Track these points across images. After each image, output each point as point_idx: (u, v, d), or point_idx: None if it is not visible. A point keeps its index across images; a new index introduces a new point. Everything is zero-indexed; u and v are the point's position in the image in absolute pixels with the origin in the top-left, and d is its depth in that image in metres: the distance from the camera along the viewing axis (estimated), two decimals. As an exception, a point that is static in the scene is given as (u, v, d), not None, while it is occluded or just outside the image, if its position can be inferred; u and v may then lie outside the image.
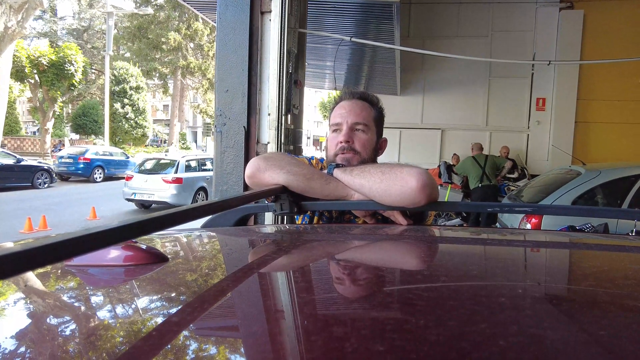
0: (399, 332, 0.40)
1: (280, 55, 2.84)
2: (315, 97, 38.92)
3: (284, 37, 2.84)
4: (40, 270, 0.69)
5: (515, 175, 7.24)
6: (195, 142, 43.23)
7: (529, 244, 0.91)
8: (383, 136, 1.29)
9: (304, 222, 1.25)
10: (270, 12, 2.85)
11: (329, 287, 0.59)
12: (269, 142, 2.90)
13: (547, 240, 1.00)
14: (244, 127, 2.88)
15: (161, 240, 0.85)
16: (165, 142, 36.79)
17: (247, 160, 2.90)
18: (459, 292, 0.56)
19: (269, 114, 2.89)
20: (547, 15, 7.90)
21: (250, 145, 2.92)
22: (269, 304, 0.51)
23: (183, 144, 34.23)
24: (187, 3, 4.45)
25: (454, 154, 8.01)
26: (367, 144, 1.21)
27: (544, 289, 0.58)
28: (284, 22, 2.83)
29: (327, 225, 1.20)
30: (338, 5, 3.83)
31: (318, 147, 38.15)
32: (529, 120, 8.22)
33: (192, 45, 29.05)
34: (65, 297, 0.57)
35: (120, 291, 0.58)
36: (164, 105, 44.54)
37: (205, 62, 28.54)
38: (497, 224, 4.89)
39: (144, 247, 0.67)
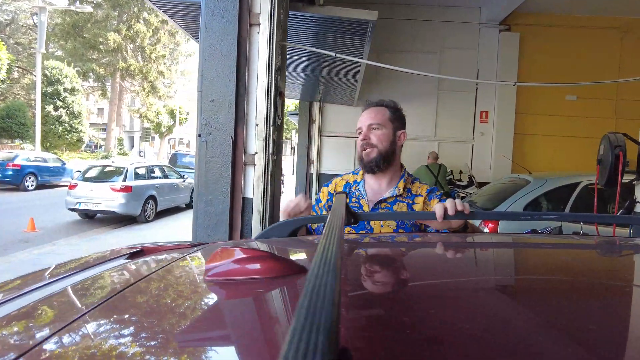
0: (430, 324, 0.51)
1: (269, 67, 2.89)
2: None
3: (272, 50, 2.90)
4: (187, 284, 0.72)
5: (464, 182, 7.75)
6: (132, 147, 41.24)
7: (505, 245, 1.12)
8: (401, 130, 1.53)
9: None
10: (259, 24, 2.90)
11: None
12: (256, 152, 2.93)
13: (527, 242, 1.23)
14: (231, 136, 2.89)
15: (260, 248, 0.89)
16: (100, 147, 34.67)
17: (233, 169, 2.91)
18: (465, 288, 0.69)
19: (256, 125, 2.92)
20: (489, 36, 8.60)
21: (237, 155, 2.93)
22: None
23: (120, 149, 32.46)
24: (155, 5, 4.34)
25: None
26: (382, 137, 1.48)
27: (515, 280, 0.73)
28: (273, 35, 2.89)
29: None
30: (315, 19, 3.95)
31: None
32: (473, 132, 8.85)
33: (132, 46, 27.76)
34: (214, 307, 0.61)
35: (282, 301, 0.62)
36: (98, 109, 42.03)
37: (147, 64, 27.40)
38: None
39: (280, 258, 0.71)
